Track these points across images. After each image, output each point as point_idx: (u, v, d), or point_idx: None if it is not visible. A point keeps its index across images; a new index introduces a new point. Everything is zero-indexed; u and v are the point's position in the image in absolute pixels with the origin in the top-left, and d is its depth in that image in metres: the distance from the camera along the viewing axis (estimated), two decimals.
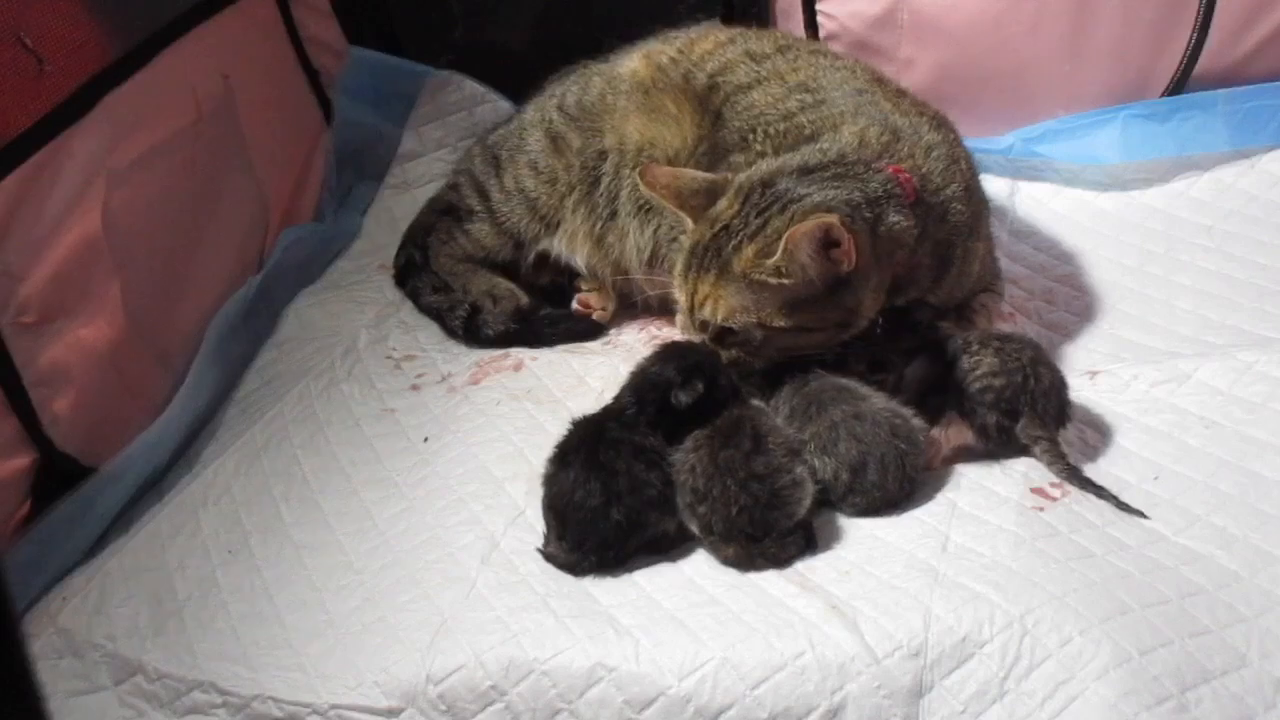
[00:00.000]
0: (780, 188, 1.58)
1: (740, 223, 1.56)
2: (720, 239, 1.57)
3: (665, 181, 1.66)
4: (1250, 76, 2.29)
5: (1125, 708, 1.21)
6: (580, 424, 1.56)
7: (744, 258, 1.53)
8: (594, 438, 1.51)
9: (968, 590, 1.34)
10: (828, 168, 1.61)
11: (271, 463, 1.76)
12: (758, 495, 1.42)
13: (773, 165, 1.64)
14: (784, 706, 1.28)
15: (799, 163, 1.62)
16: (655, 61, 2.03)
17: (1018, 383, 1.54)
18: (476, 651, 1.36)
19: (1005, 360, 1.56)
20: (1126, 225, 2.19)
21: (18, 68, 1.59)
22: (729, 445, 1.46)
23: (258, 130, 2.22)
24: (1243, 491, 1.50)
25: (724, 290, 1.56)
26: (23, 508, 1.58)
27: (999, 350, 1.58)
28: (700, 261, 1.58)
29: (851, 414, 1.51)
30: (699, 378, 1.53)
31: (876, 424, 1.50)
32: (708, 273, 1.57)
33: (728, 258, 1.55)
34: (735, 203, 1.59)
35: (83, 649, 1.47)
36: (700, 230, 1.61)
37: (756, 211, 1.56)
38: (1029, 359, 1.57)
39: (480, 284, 2.11)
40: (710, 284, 1.57)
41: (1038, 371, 1.56)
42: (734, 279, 1.55)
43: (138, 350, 1.79)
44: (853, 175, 1.60)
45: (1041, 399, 1.55)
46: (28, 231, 1.59)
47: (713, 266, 1.56)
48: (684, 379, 1.53)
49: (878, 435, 1.49)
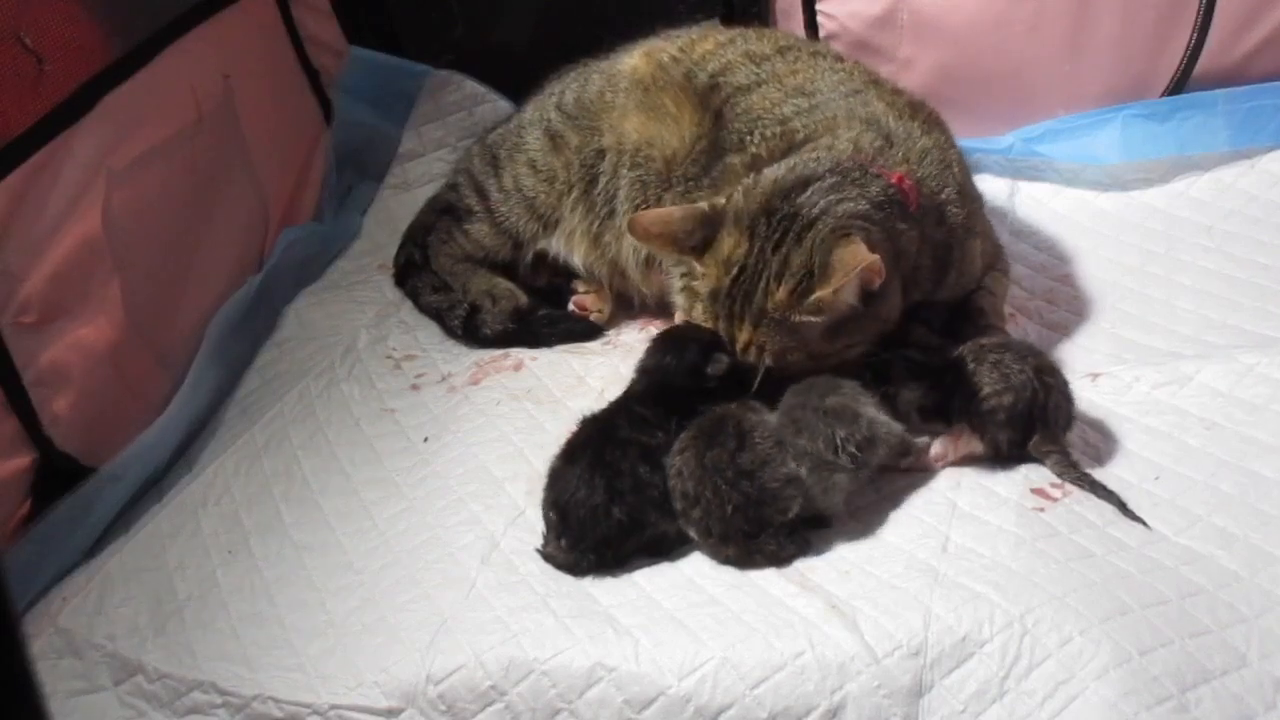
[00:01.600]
0: (786, 213, 1.53)
1: (758, 262, 1.52)
2: (742, 283, 1.53)
3: (657, 230, 1.60)
4: (1250, 76, 2.28)
5: (1125, 708, 1.21)
6: (590, 421, 1.57)
7: (778, 300, 1.50)
8: (603, 436, 1.52)
9: (968, 590, 1.34)
10: (824, 177, 1.57)
11: (271, 463, 1.76)
12: (748, 493, 1.42)
13: (767, 185, 1.58)
14: (784, 706, 1.28)
15: (795, 177, 1.58)
16: (656, 59, 2.03)
17: (1027, 398, 1.53)
18: (476, 651, 1.36)
19: (1009, 375, 1.54)
20: (1127, 225, 2.19)
21: (18, 68, 1.59)
22: (714, 445, 1.45)
23: (258, 130, 2.22)
24: (1243, 492, 1.50)
25: (766, 335, 1.52)
26: (23, 508, 1.58)
27: (997, 364, 1.56)
28: (729, 310, 1.54)
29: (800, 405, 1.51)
30: (717, 349, 1.54)
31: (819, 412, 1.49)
32: (743, 321, 1.53)
33: (760, 304, 1.51)
34: (743, 240, 1.54)
35: (83, 649, 1.47)
36: (714, 275, 1.56)
37: (772, 246, 1.52)
38: (1033, 370, 1.55)
39: (480, 284, 2.11)
40: (749, 331, 1.53)
41: (1045, 383, 1.54)
42: (773, 323, 1.51)
43: (138, 350, 1.79)
44: (853, 182, 1.57)
45: (1053, 413, 1.54)
46: (28, 231, 1.59)
47: (746, 314, 1.52)
48: (704, 356, 1.54)
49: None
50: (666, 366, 1.58)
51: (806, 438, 1.45)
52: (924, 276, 1.68)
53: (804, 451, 1.45)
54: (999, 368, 1.56)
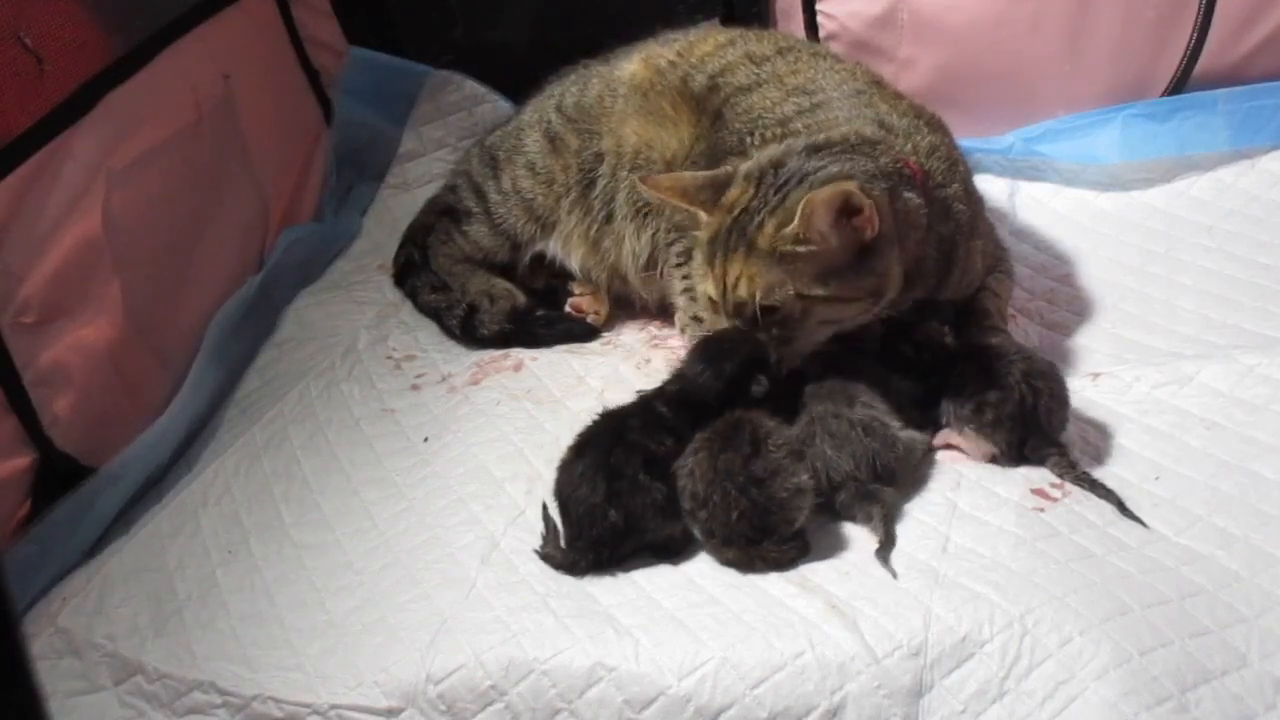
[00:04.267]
0: (793, 166, 1.58)
1: (759, 203, 1.56)
2: (740, 222, 1.57)
3: (668, 184, 1.67)
4: (1250, 76, 2.28)
5: (1125, 708, 1.21)
6: (607, 416, 1.56)
7: (766, 233, 1.53)
8: (612, 436, 1.51)
9: (968, 590, 1.34)
10: (834, 145, 1.62)
11: (271, 463, 1.76)
12: (756, 500, 1.42)
13: (778, 149, 1.64)
14: (784, 706, 1.28)
15: (807, 144, 1.63)
16: (654, 64, 2.03)
17: (1015, 400, 1.54)
18: (476, 651, 1.36)
19: (996, 379, 1.55)
20: (1127, 225, 2.19)
21: (18, 68, 1.59)
22: (728, 448, 1.46)
23: (258, 130, 2.22)
24: (1244, 492, 1.50)
25: (755, 268, 1.55)
26: (23, 508, 1.58)
27: (985, 368, 1.57)
28: (725, 246, 1.58)
29: (831, 413, 1.53)
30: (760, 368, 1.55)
31: (852, 424, 1.52)
32: (735, 254, 1.56)
33: (752, 236, 1.55)
34: (749, 187, 1.59)
35: (83, 649, 1.47)
36: (717, 219, 1.60)
37: (774, 189, 1.56)
38: (1021, 374, 1.55)
39: (478, 284, 2.11)
40: (740, 264, 1.56)
41: (1033, 387, 1.55)
42: (762, 255, 1.54)
43: (138, 350, 1.79)
44: (862, 153, 1.61)
45: (1044, 416, 1.55)
46: (28, 231, 1.59)
47: (739, 247, 1.56)
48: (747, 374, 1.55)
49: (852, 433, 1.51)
50: (703, 383, 1.57)
51: (848, 456, 1.48)
52: (928, 269, 1.68)
53: (847, 476, 1.48)
54: (987, 372, 1.57)
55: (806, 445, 1.51)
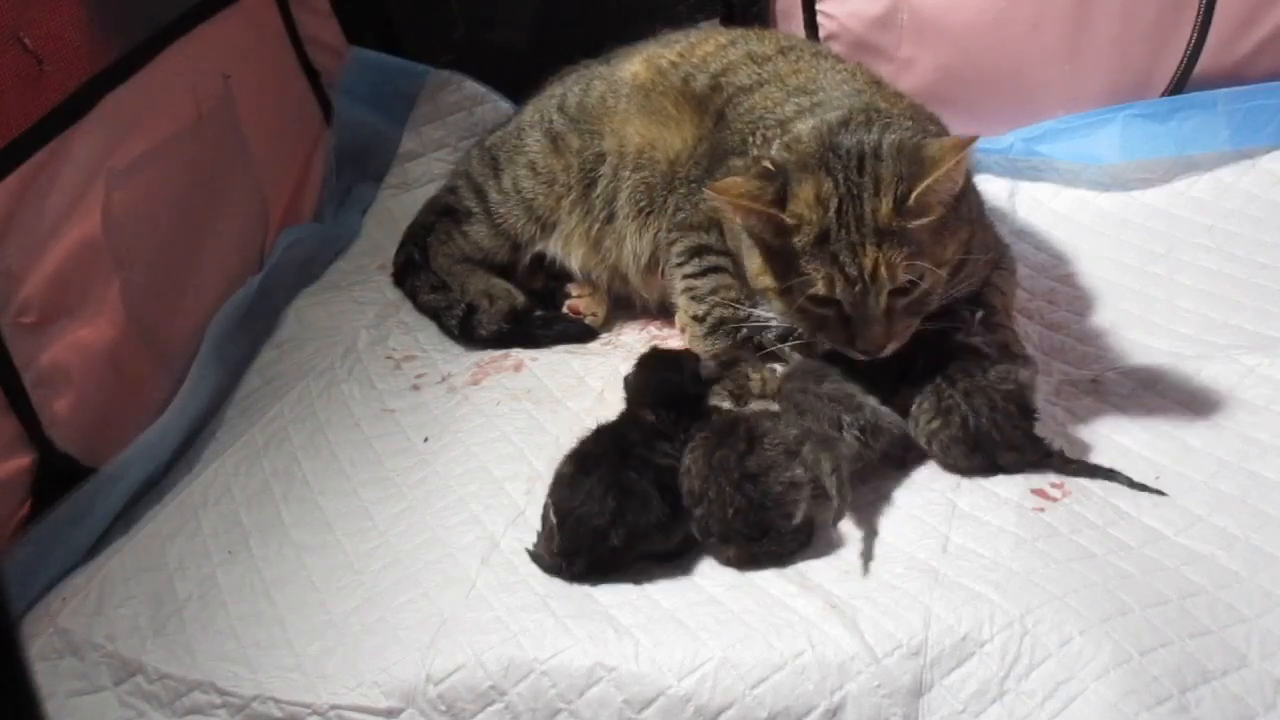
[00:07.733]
0: (851, 143, 1.56)
1: (852, 188, 1.53)
2: (847, 214, 1.52)
3: (737, 191, 1.57)
4: (1250, 76, 2.28)
5: (1125, 708, 1.21)
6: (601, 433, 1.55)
7: (885, 213, 1.50)
8: (620, 452, 1.49)
9: (968, 590, 1.34)
10: (853, 117, 1.62)
11: (271, 463, 1.76)
12: (751, 496, 1.42)
13: (808, 132, 1.62)
14: (784, 706, 1.28)
15: (828, 123, 1.61)
16: (656, 65, 2.03)
17: (957, 423, 1.53)
18: (476, 651, 1.36)
19: (939, 402, 1.55)
20: (1127, 225, 2.19)
21: (18, 68, 1.59)
22: (723, 445, 1.46)
23: (258, 130, 2.22)
24: (1244, 492, 1.50)
25: (892, 250, 1.51)
26: (23, 508, 1.58)
27: (936, 390, 1.56)
28: (849, 241, 1.52)
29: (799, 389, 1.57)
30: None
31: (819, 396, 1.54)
32: (865, 245, 1.52)
33: (871, 223, 1.51)
34: (823, 177, 1.54)
35: (83, 649, 1.47)
36: (814, 218, 1.53)
37: (856, 171, 1.54)
38: (961, 394, 1.54)
39: (478, 284, 2.11)
40: (875, 251, 1.51)
41: (973, 406, 1.53)
42: (890, 235, 1.51)
43: (138, 350, 1.79)
44: (882, 124, 1.60)
45: (994, 430, 1.52)
46: (28, 231, 1.59)
47: (865, 238, 1.52)
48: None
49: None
50: (670, 380, 1.58)
51: (811, 419, 1.48)
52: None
53: (808, 431, 1.47)
54: (937, 393, 1.56)
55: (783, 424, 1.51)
